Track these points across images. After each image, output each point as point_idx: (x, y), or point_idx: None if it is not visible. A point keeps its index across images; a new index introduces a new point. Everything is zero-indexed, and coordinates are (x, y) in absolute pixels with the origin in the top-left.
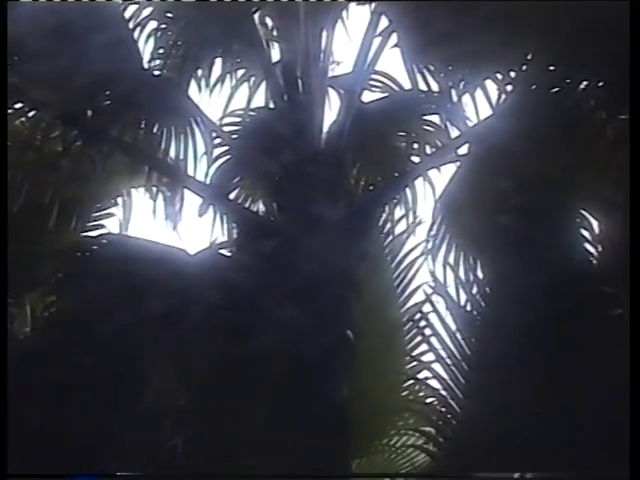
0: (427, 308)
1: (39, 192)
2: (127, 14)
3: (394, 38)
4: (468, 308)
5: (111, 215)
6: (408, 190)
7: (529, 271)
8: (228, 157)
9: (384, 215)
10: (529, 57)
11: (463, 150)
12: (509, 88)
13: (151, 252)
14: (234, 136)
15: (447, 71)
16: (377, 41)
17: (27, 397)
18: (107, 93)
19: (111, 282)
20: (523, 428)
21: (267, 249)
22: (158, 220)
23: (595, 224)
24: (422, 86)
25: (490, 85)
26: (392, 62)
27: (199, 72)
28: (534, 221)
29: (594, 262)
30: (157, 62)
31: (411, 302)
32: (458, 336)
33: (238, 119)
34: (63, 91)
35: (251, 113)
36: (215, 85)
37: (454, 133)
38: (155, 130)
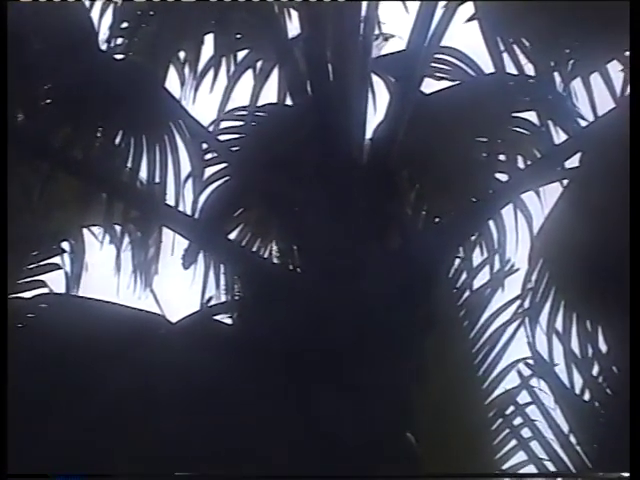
0: (524, 398)
1: None
2: None
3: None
4: (586, 398)
5: (54, 267)
6: (492, 223)
7: None
8: (225, 179)
9: (457, 261)
10: None
11: (573, 162)
12: None
13: (114, 320)
14: (234, 148)
15: (548, 46)
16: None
17: None
18: (45, 86)
19: (51, 365)
20: None
21: (283, 314)
22: (124, 273)
23: None
24: (511, 69)
25: (613, 67)
26: (465, 35)
27: (181, 55)
28: None
29: None
30: (119, 40)
31: (499, 390)
32: (572, 440)
33: (239, 122)
34: None
35: (259, 114)
36: (205, 73)
37: (559, 137)
38: (118, 140)
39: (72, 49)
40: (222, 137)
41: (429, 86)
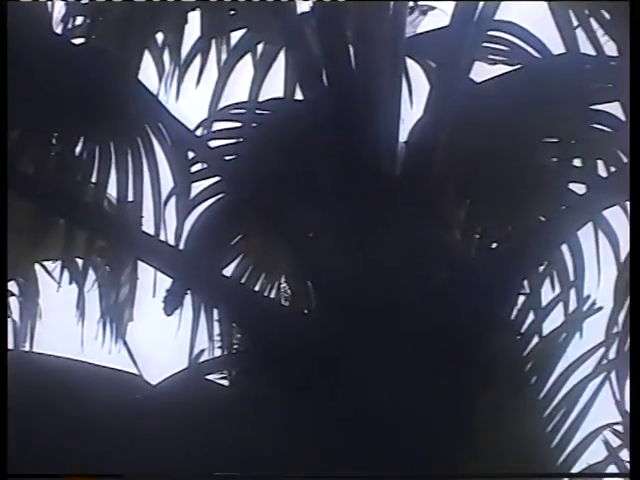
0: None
1: None
2: None
3: None
4: None
5: None
6: (566, 249)
7: None
8: (219, 196)
9: (521, 298)
10: None
11: None
12: None
13: (77, 383)
14: (229, 156)
15: None
16: None
17: None
18: None
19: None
20: None
21: (295, 372)
22: (89, 321)
23: None
24: (587, 48)
25: None
26: (527, 6)
27: (159, 37)
28: None
29: None
30: (79, 20)
31: (580, 465)
32: None
33: (236, 124)
34: None
35: (260, 112)
36: (190, 61)
37: None
38: (78, 149)
39: (14, 29)
40: (213, 143)
41: (481, 72)
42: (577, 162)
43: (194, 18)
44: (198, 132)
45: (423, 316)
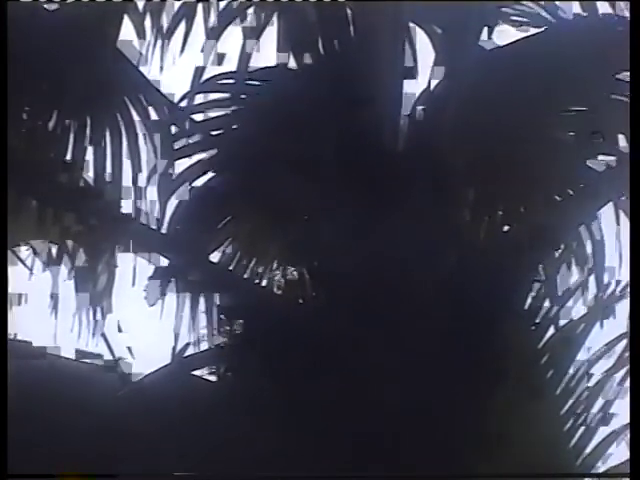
0: None
1: None
2: None
3: None
4: None
5: None
6: (584, 230)
7: None
8: (205, 175)
9: (536, 285)
10: None
11: None
12: None
13: (51, 378)
14: (216, 131)
15: None
16: None
17: None
18: None
19: None
20: None
21: (288, 366)
22: (63, 311)
23: None
24: (606, 9)
25: None
26: None
27: (139, 2)
28: None
29: None
30: None
31: (601, 467)
32: None
33: (224, 95)
34: None
35: (251, 82)
36: (174, 28)
37: None
38: (52, 124)
39: None
40: (199, 116)
41: (491, 39)
42: (598, 138)
43: None
44: (182, 104)
45: (429, 305)
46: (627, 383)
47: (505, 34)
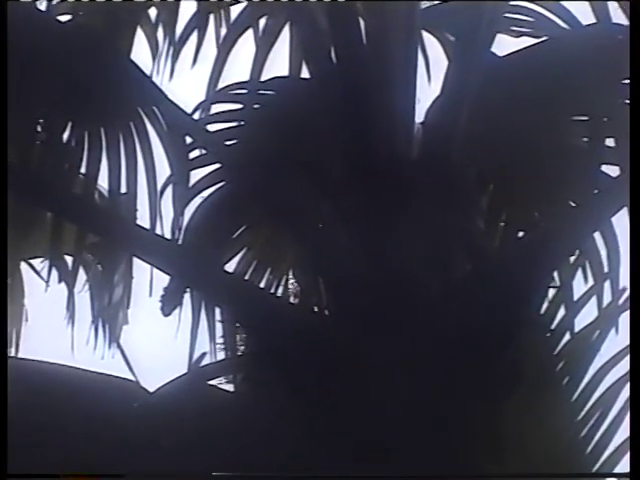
0: None
1: None
2: None
3: None
4: None
5: None
6: (599, 237)
7: None
8: (219, 185)
9: (551, 292)
10: None
11: None
12: None
13: (67, 391)
14: (230, 141)
15: None
16: None
17: None
18: None
19: None
20: None
21: (306, 375)
22: (80, 324)
23: None
24: (619, 18)
25: None
26: None
27: (152, 13)
28: None
29: None
30: None
31: (618, 470)
32: None
33: (237, 106)
34: None
35: (264, 92)
36: (186, 38)
37: None
38: (66, 136)
39: None
40: (213, 127)
41: (503, 46)
42: (610, 142)
43: None
44: (196, 115)
45: (443, 313)
46: None
47: (514, 41)
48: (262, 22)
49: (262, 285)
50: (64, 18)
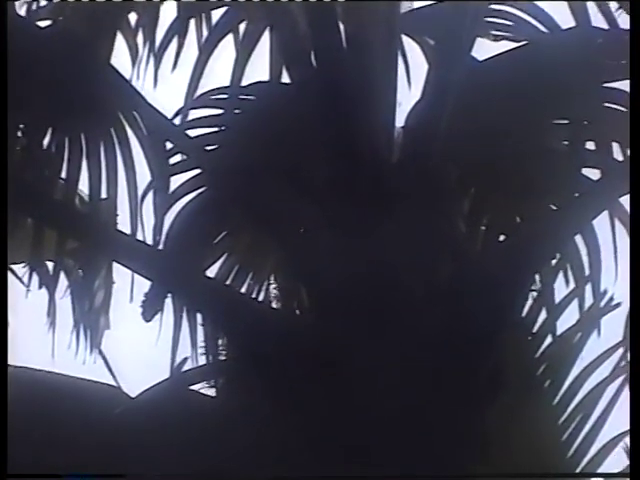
0: None
1: None
2: None
3: None
4: None
5: None
6: (580, 240)
7: None
8: (200, 190)
9: (532, 295)
10: None
11: None
12: None
13: (48, 396)
14: (210, 146)
15: None
16: None
17: None
18: None
19: None
20: None
21: (287, 380)
22: (60, 329)
23: None
24: (598, 21)
25: None
26: None
27: (132, 17)
28: None
29: None
30: (45, 1)
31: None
32: None
33: (217, 111)
34: None
35: (244, 97)
36: (167, 43)
37: None
38: (46, 141)
39: None
40: (193, 132)
41: (483, 50)
42: (590, 145)
43: None
44: (176, 121)
45: (425, 316)
46: (625, 391)
47: (494, 45)
48: (242, 27)
49: (243, 290)
50: (44, 23)
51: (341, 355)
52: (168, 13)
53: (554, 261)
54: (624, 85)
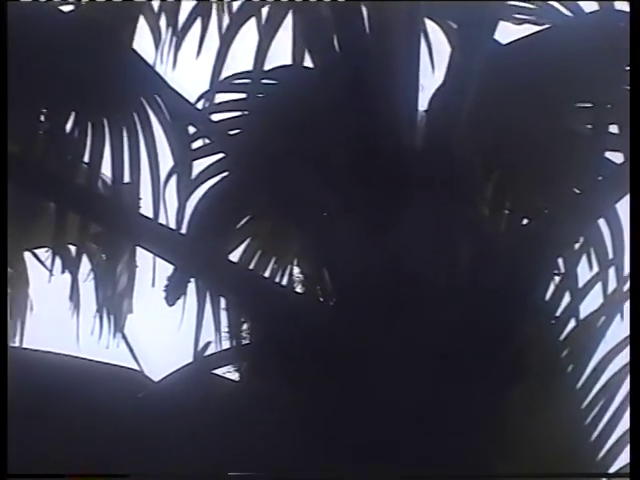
0: None
1: None
2: None
3: None
4: None
5: None
6: (603, 223)
7: None
8: (223, 175)
9: (556, 279)
10: None
11: None
12: None
13: (72, 381)
14: (233, 131)
15: None
16: None
17: None
18: None
19: None
20: None
21: (310, 365)
22: (84, 313)
23: None
24: (623, 5)
25: None
26: None
27: (154, 3)
28: None
29: None
30: None
31: (623, 458)
32: None
33: (240, 95)
34: None
35: (267, 81)
36: (189, 27)
37: None
38: (69, 126)
39: None
40: (216, 116)
41: (506, 33)
42: (613, 128)
43: None
44: (199, 105)
45: (448, 301)
46: None
47: (517, 30)
48: (264, 11)
49: (267, 275)
50: (66, 9)
51: (364, 340)
52: None
53: (577, 245)
54: None
